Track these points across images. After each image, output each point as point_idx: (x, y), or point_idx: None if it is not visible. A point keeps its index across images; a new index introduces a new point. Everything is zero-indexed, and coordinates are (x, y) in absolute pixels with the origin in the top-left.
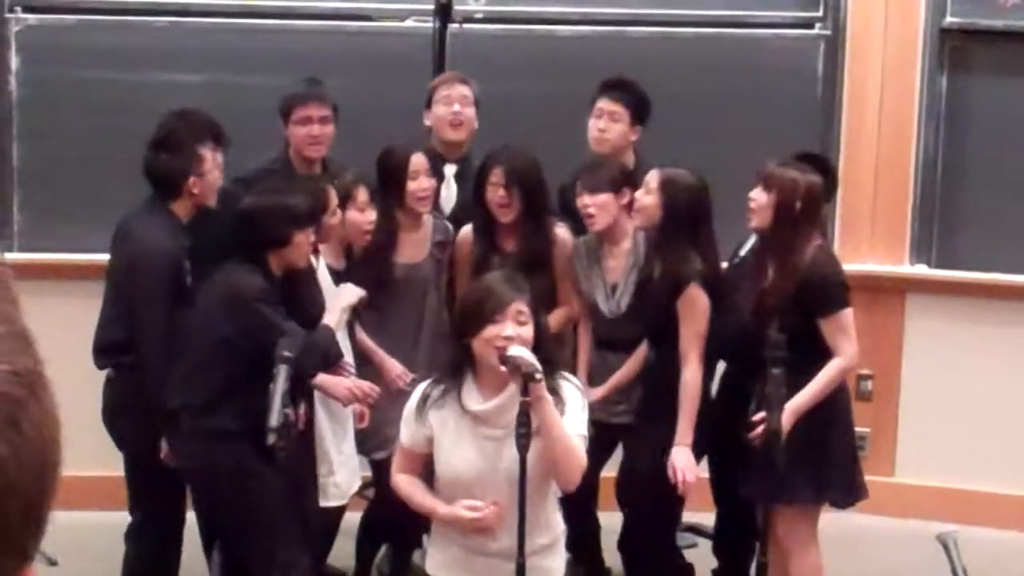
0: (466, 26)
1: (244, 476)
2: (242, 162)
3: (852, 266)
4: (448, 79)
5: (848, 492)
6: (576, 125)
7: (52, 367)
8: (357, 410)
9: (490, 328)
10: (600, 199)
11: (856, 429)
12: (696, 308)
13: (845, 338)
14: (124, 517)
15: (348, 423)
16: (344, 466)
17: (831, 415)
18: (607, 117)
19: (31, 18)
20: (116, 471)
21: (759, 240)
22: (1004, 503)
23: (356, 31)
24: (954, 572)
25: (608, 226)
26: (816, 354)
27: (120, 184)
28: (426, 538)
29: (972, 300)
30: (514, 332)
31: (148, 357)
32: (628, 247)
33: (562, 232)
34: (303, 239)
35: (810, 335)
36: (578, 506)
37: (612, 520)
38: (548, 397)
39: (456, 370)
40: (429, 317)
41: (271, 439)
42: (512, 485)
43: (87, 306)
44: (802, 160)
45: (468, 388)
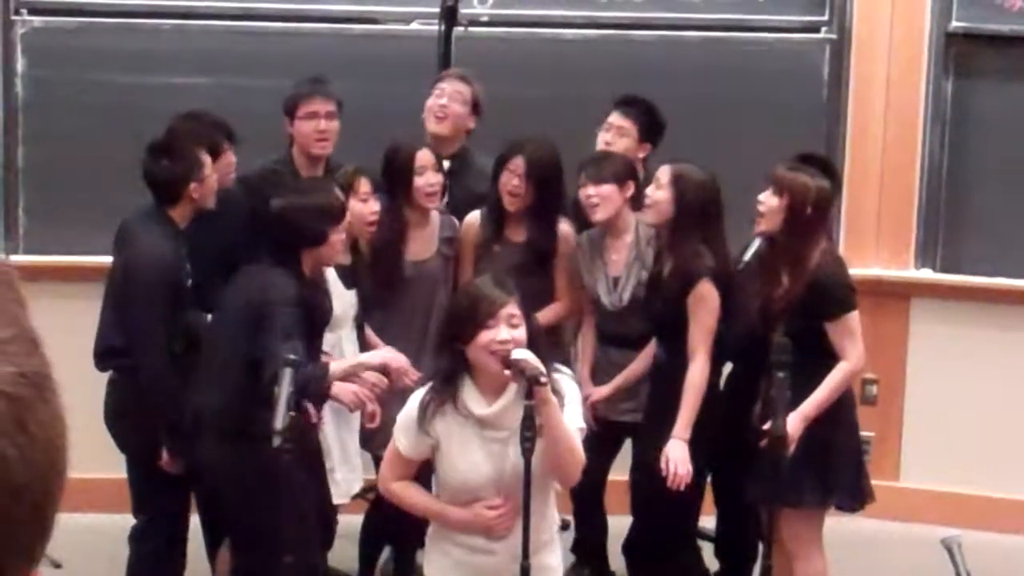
0: (471, 29)
1: (274, 480)
2: (247, 164)
3: (857, 270)
4: (450, 74)
5: (854, 496)
6: (581, 128)
7: (57, 369)
8: (368, 410)
9: (484, 334)
10: (604, 190)
11: (861, 433)
12: (706, 304)
13: (851, 341)
14: (128, 520)
15: (354, 422)
16: (345, 464)
17: (836, 418)
18: (614, 131)
19: (36, 20)
20: (120, 474)
21: (767, 243)
22: (1009, 507)
23: (362, 34)
24: None
25: (610, 218)
26: (821, 357)
27: (125, 186)
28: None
29: (977, 304)
30: (508, 335)
31: (146, 364)
32: (630, 240)
33: (565, 228)
34: (337, 237)
35: (816, 338)
36: (587, 505)
37: (616, 523)
38: (554, 400)
39: (453, 378)
40: (437, 314)
41: (277, 441)
42: (518, 486)
43: (92, 308)
44: (804, 161)
45: (469, 392)
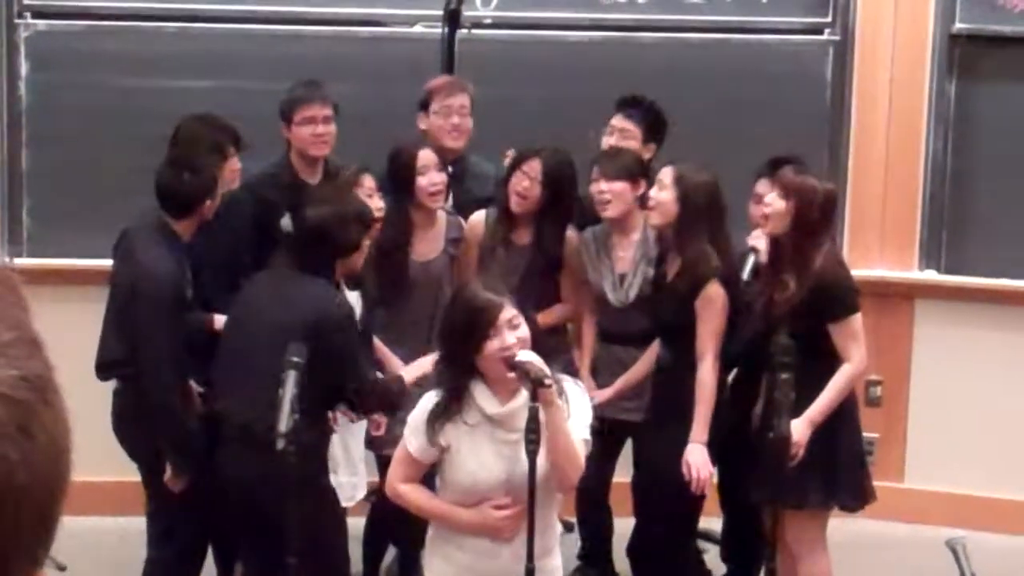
0: (475, 31)
1: (319, 490)
2: (250, 167)
3: (861, 272)
4: (446, 87)
5: (856, 496)
6: (584, 130)
7: (60, 372)
8: (375, 417)
9: (489, 343)
10: (617, 187)
11: (865, 435)
12: (714, 306)
13: (854, 343)
14: (133, 522)
15: (358, 427)
16: (348, 468)
17: (839, 419)
18: (618, 135)
19: (40, 24)
20: (125, 477)
21: (771, 244)
22: (1013, 508)
23: (365, 37)
24: None
25: (621, 215)
26: (824, 359)
27: (129, 190)
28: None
29: (981, 305)
30: (513, 339)
31: (153, 383)
32: (638, 238)
33: (569, 232)
34: (366, 244)
35: (819, 340)
36: (590, 506)
37: (621, 525)
38: (558, 402)
39: (459, 387)
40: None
41: (280, 444)
42: (526, 488)
43: (95, 311)
44: (777, 164)
45: (482, 393)
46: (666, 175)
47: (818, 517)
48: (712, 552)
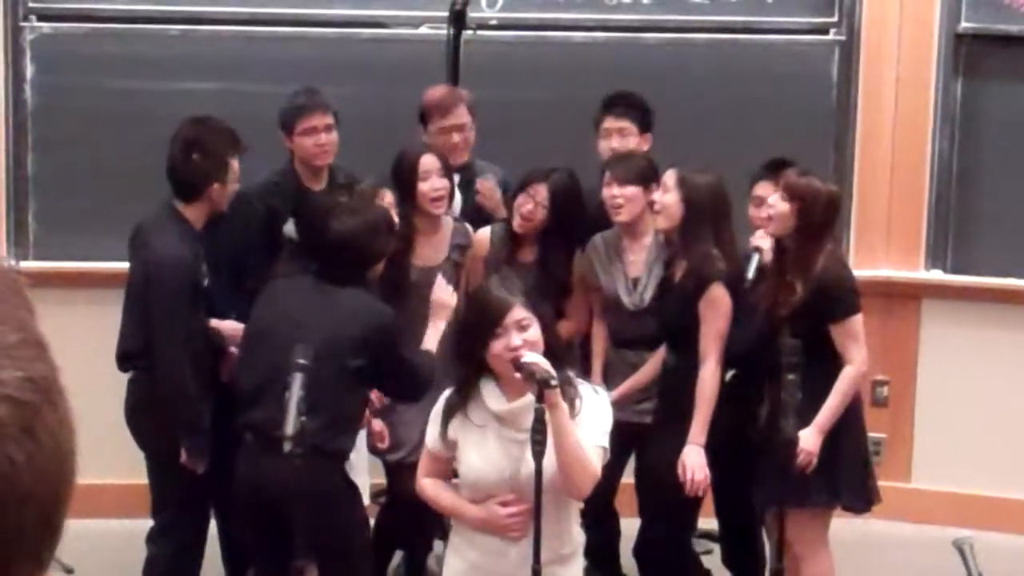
0: (480, 33)
1: (353, 493)
2: (255, 170)
3: (867, 272)
4: (441, 106)
5: (860, 496)
6: (590, 131)
7: (66, 375)
8: (376, 429)
9: (495, 342)
10: (629, 191)
11: (872, 435)
12: (718, 308)
13: (855, 344)
14: (140, 524)
15: (361, 437)
16: (351, 473)
17: (843, 420)
18: (616, 135)
19: (45, 27)
20: (132, 479)
21: (774, 246)
22: (1020, 509)
23: (370, 38)
24: None
25: (633, 219)
26: (826, 360)
27: (135, 192)
28: (438, 543)
29: (988, 305)
30: (520, 340)
31: (165, 365)
32: (649, 242)
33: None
34: (389, 251)
35: (820, 341)
36: (597, 507)
37: (627, 526)
38: (563, 405)
39: (468, 384)
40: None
41: (287, 447)
42: (532, 489)
43: (101, 314)
44: (774, 167)
45: (490, 390)
46: (669, 178)
47: (820, 517)
48: (716, 552)
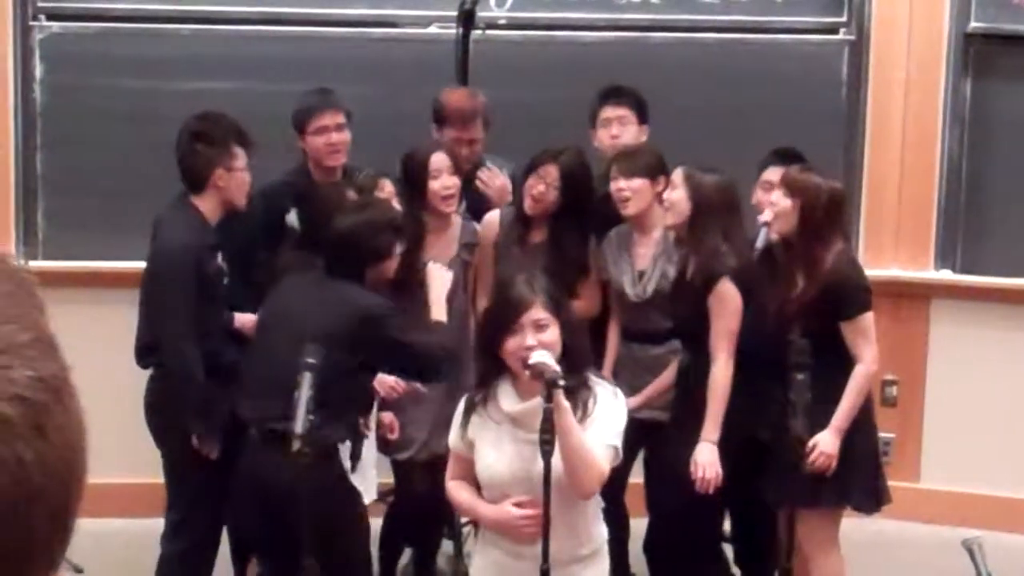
0: (489, 32)
1: (350, 491)
2: (268, 169)
3: (877, 271)
4: (461, 116)
5: (871, 496)
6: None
7: (76, 374)
8: (387, 420)
9: (510, 340)
10: (635, 184)
11: (881, 435)
12: (727, 304)
13: (865, 342)
14: (150, 524)
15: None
16: (357, 473)
17: (854, 419)
18: (616, 123)
19: (55, 26)
20: (142, 478)
21: (781, 245)
22: None
23: (379, 38)
24: None
25: (641, 212)
26: (837, 359)
27: (144, 192)
28: (447, 542)
29: (997, 305)
30: (534, 340)
31: (170, 350)
32: (658, 236)
33: None
34: (397, 250)
35: (831, 339)
36: (607, 503)
37: (636, 524)
38: (566, 406)
39: (488, 379)
40: (455, 318)
41: (296, 446)
42: (551, 492)
43: (111, 313)
44: (778, 156)
45: (505, 391)
46: (677, 175)
47: (830, 517)
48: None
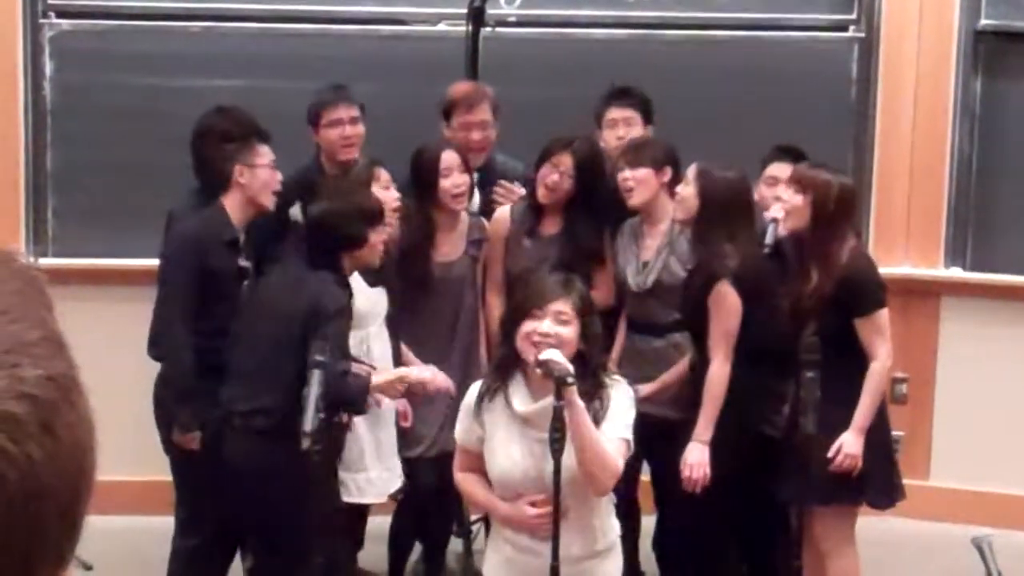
0: (499, 30)
1: (310, 479)
2: (278, 166)
3: (887, 269)
4: (465, 101)
5: (886, 493)
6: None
7: (86, 372)
8: (400, 408)
9: (528, 322)
10: (640, 174)
11: (892, 432)
12: (724, 306)
13: (880, 339)
14: (159, 521)
15: (390, 422)
16: (380, 463)
17: None
18: (623, 124)
19: (64, 24)
20: (151, 476)
21: (792, 242)
22: None
23: (389, 35)
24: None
25: (646, 202)
26: (852, 356)
27: (153, 189)
28: (454, 539)
29: (1007, 303)
30: (551, 330)
31: (163, 336)
32: (665, 228)
33: None
34: (376, 238)
35: (845, 336)
36: (619, 500)
37: (647, 522)
38: (579, 403)
39: (505, 367)
40: (465, 315)
41: (306, 443)
42: (561, 487)
43: (120, 311)
44: (781, 151)
45: (517, 389)
46: (691, 170)
47: (847, 514)
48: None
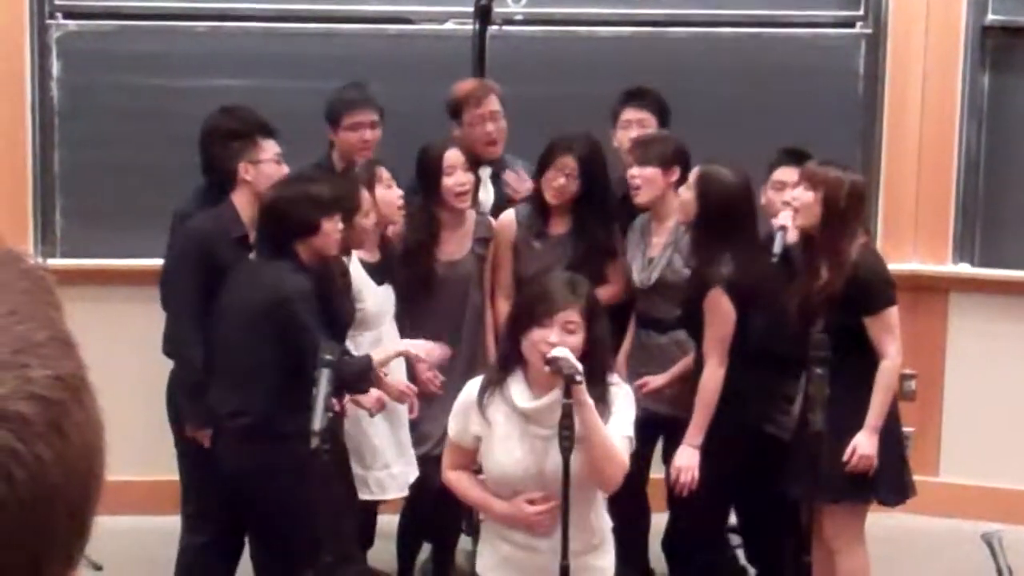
0: (506, 28)
1: (305, 477)
2: (287, 166)
3: (895, 265)
4: (473, 96)
5: (897, 490)
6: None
7: (94, 372)
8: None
9: (537, 331)
10: (647, 172)
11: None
12: (717, 312)
13: (890, 337)
14: (168, 521)
15: (404, 416)
16: (401, 457)
17: None
18: (636, 126)
19: (71, 24)
20: (160, 476)
21: (802, 239)
22: None
23: (396, 34)
24: (999, 571)
25: (652, 200)
26: (862, 354)
27: (161, 190)
28: (464, 538)
29: (1015, 298)
30: (559, 339)
31: (174, 331)
32: (671, 226)
33: None
34: (331, 226)
35: (854, 334)
36: (626, 497)
37: (657, 520)
38: (588, 401)
39: (507, 365)
40: (470, 314)
41: (314, 443)
42: (559, 485)
43: (128, 311)
44: (788, 155)
45: (518, 385)
46: (692, 174)
47: (857, 512)
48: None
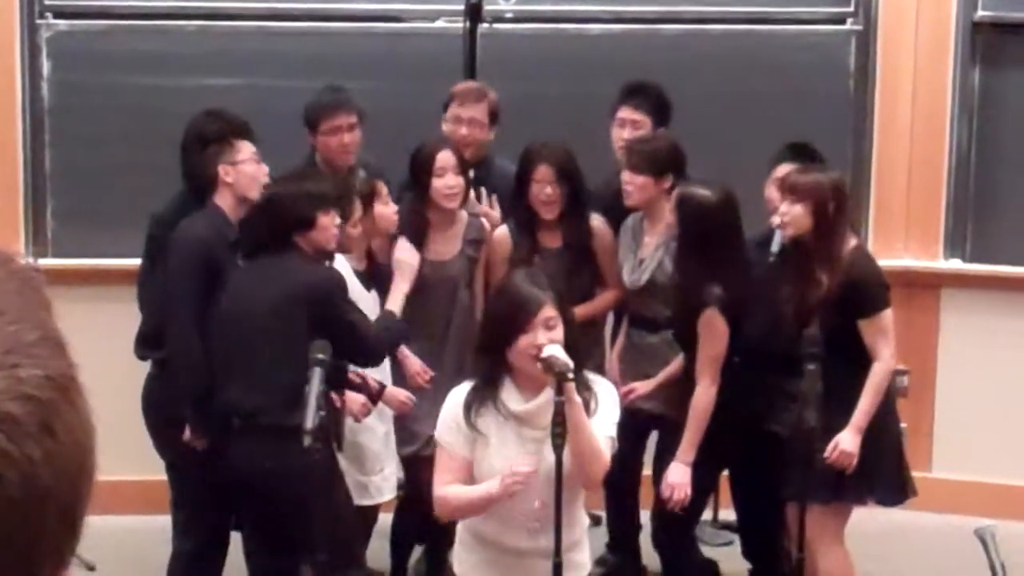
0: (496, 26)
1: (320, 476)
2: (273, 166)
3: (886, 262)
4: (461, 96)
5: (895, 491)
6: (607, 124)
7: (85, 372)
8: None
9: (523, 338)
10: (639, 180)
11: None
12: (712, 332)
13: (884, 339)
14: (160, 521)
15: (389, 413)
16: (392, 460)
17: (877, 416)
18: (630, 126)
19: (62, 24)
20: (151, 475)
21: (794, 247)
22: None
23: (386, 32)
24: (992, 567)
25: (640, 205)
26: (856, 356)
27: (152, 189)
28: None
29: (1007, 294)
30: (546, 339)
31: (173, 335)
32: (663, 227)
33: (597, 223)
34: (327, 221)
35: (848, 337)
36: (618, 495)
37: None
38: (577, 399)
39: (493, 379)
40: (458, 314)
41: (307, 441)
42: (551, 484)
43: (119, 311)
44: (791, 151)
45: (508, 390)
46: (674, 196)
47: (841, 512)
48: (735, 543)
